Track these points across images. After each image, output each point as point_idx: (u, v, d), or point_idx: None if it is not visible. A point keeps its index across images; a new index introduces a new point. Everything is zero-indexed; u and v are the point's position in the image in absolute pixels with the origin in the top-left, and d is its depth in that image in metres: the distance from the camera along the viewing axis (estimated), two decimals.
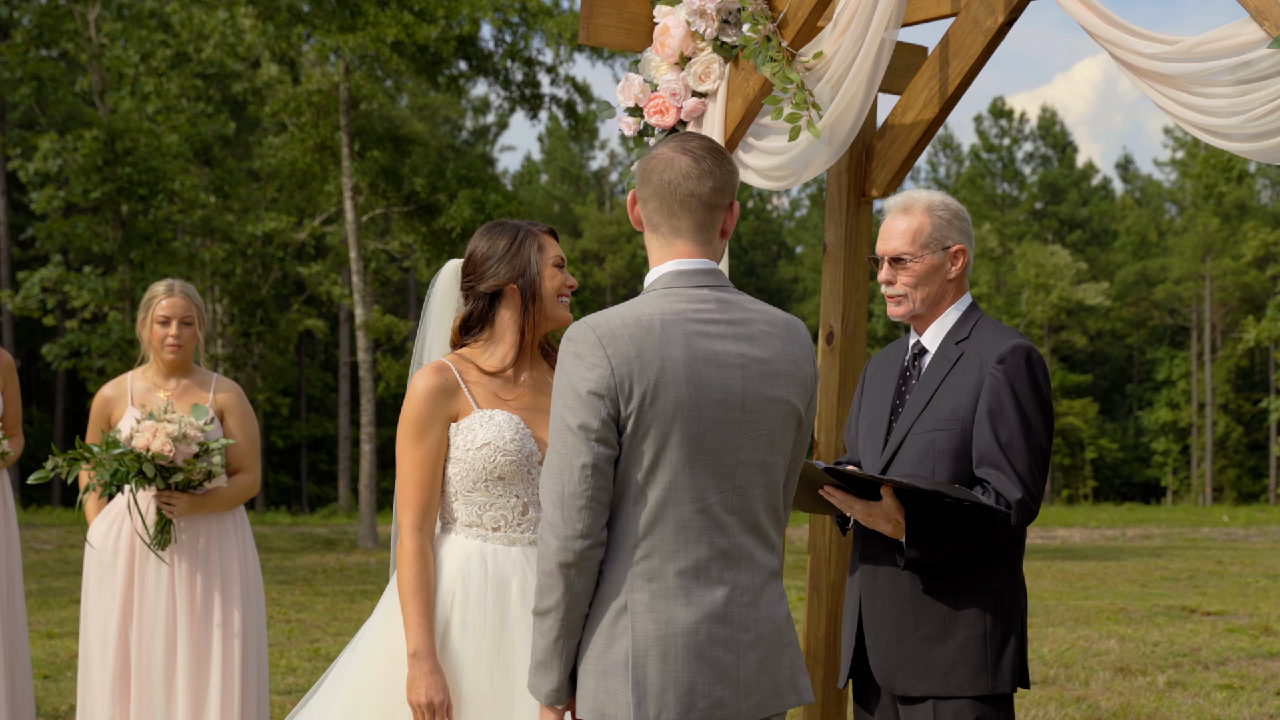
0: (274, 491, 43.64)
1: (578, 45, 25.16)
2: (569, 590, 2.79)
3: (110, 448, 4.99)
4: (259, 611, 5.32)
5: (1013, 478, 3.47)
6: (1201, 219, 49.43)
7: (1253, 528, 31.27)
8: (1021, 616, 3.61)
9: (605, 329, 2.79)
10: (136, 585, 5.16)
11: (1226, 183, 41.29)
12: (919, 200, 3.73)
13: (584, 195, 59.23)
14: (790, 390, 2.90)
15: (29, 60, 24.52)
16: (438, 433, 3.46)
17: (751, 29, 4.38)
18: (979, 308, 3.74)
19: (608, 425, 2.76)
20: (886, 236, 3.75)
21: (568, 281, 3.54)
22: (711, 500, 2.82)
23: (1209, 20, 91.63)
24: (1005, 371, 3.52)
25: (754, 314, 2.91)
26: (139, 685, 5.12)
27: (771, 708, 2.89)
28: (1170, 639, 11.06)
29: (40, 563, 17.54)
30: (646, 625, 2.78)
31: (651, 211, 2.93)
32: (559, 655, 2.84)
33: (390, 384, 26.14)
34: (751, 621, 2.85)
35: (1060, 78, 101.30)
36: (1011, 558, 3.59)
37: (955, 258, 3.68)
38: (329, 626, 11.82)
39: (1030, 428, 3.49)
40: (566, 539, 2.76)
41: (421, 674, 3.33)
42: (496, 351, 3.55)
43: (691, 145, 2.93)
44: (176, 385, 5.34)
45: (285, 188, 30.02)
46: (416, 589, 3.39)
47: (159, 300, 5.30)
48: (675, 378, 2.78)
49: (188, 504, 5.11)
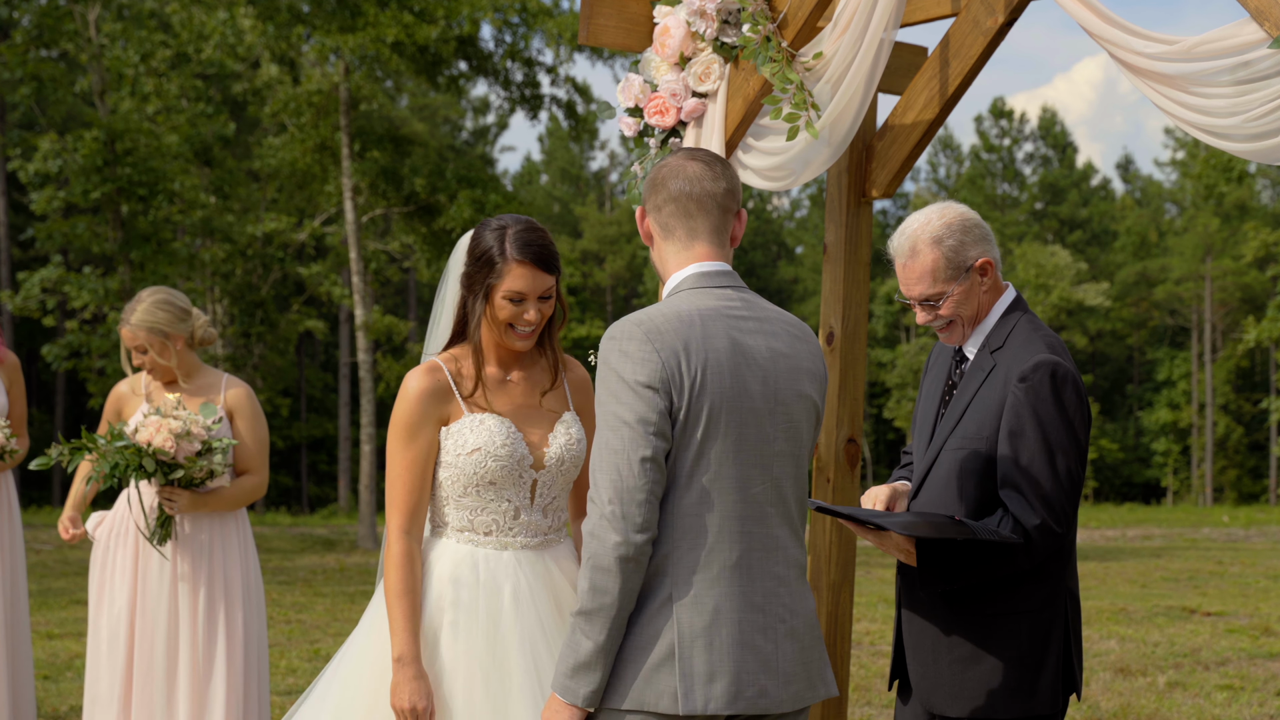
0: (274, 492, 43.62)
1: (578, 45, 25.15)
2: (626, 585, 2.79)
3: (115, 439, 5.00)
4: (260, 613, 5.32)
5: (1032, 501, 3.34)
6: (1202, 219, 49.42)
7: (1253, 528, 31.27)
8: (1065, 633, 3.48)
9: (650, 324, 2.84)
10: (139, 585, 5.17)
11: (1227, 183, 41.27)
12: (922, 236, 3.53)
13: (584, 195, 59.22)
14: (811, 386, 2.97)
15: (29, 60, 24.51)
16: (429, 435, 3.42)
17: (751, 29, 4.38)
18: (1022, 302, 3.59)
19: (664, 418, 2.80)
20: (907, 283, 3.56)
21: (525, 315, 3.41)
22: (755, 490, 2.87)
23: (1209, 20, 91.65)
24: (1026, 391, 3.37)
25: (773, 313, 2.99)
26: (140, 686, 5.13)
27: (806, 698, 2.94)
28: (1170, 639, 11.06)
29: (41, 563, 17.53)
30: (691, 616, 2.81)
31: (667, 216, 2.98)
32: (606, 655, 2.82)
33: (390, 384, 26.15)
34: (788, 613, 2.91)
35: (1060, 78, 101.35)
36: (1053, 574, 3.46)
37: (982, 271, 3.53)
38: (329, 627, 11.82)
39: (1052, 450, 3.35)
40: (627, 533, 2.77)
41: (405, 679, 3.30)
42: (469, 361, 3.49)
43: (698, 153, 3.03)
44: (189, 385, 5.33)
45: (285, 188, 30.01)
46: (402, 593, 3.35)
47: (123, 326, 5.26)
48: (719, 369, 2.83)
49: (189, 501, 5.11)
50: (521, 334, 3.45)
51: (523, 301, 3.41)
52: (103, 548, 5.28)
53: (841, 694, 4.78)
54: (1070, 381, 3.39)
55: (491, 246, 3.41)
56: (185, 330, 5.27)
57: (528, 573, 3.42)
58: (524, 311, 3.42)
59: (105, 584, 5.24)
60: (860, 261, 4.77)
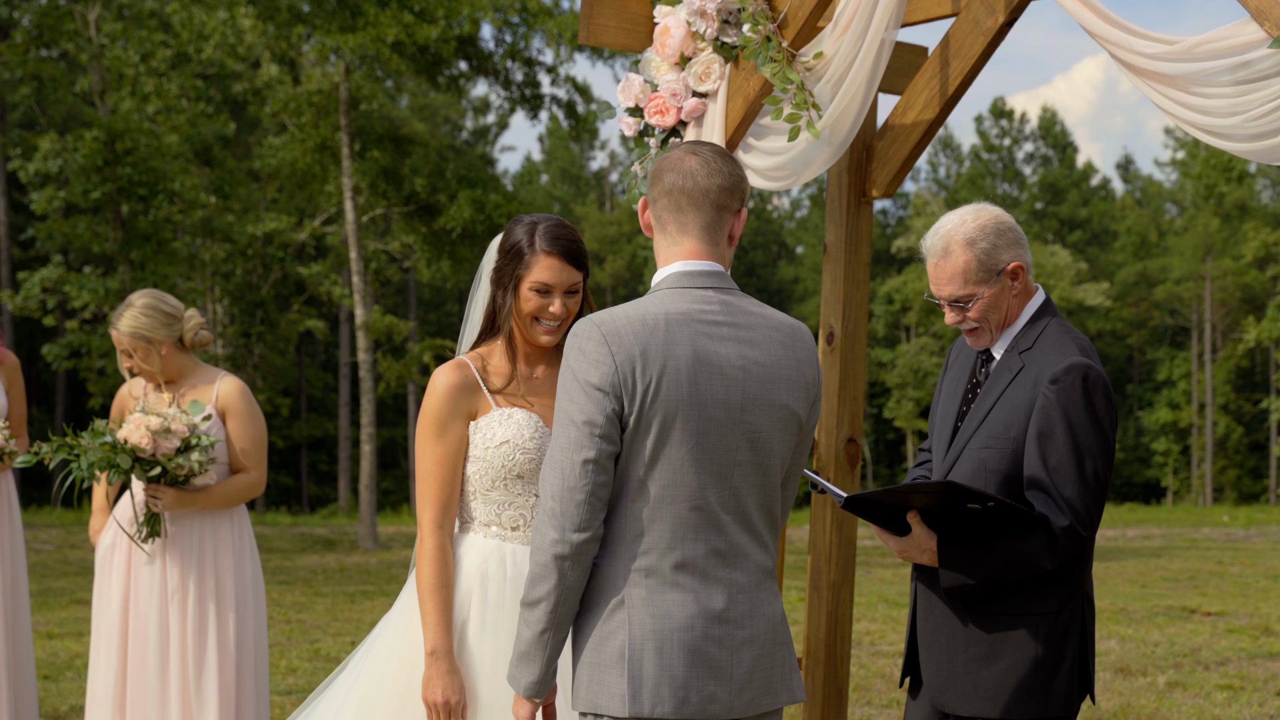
0: (274, 492, 43.61)
1: (578, 45, 25.15)
2: (561, 582, 2.81)
3: (96, 437, 5.01)
4: (259, 613, 5.30)
5: (1059, 504, 3.34)
6: (1202, 219, 49.40)
7: (1253, 528, 31.27)
8: (1081, 635, 3.49)
9: (610, 326, 2.82)
10: (132, 585, 5.18)
11: (1227, 183, 41.23)
12: (955, 237, 3.52)
13: (584, 195, 59.22)
14: (791, 395, 2.93)
15: (29, 60, 24.51)
16: (458, 429, 3.45)
17: (752, 29, 4.38)
18: (1051, 306, 3.58)
19: (611, 421, 2.79)
20: (937, 282, 3.55)
21: (550, 308, 3.47)
22: (710, 499, 2.85)
23: (1210, 20, 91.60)
24: (1058, 393, 3.36)
25: (757, 318, 2.94)
26: (134, 686, 5.13)
27: (764, 705, 2.92)
28: (1170, 639, 11.06)
29: (41, 563, 17.53)
30: (643, 620, 2.82)
31: (661, 210, 2.96)
32: (543, 648, 2.86)
33: (390, 384, 26.12)
34: (747, 619, 2.89)
35: (1060, 78, 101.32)
36: (1072, 577, 3.46)
37: (1014, 275, 3.51)
38: (329, 627, 11.82)
39: (1081, 453, 3.34)
40: (564, 531, 2.79)
41: (438, 673, 3.33)
42: (496, 358, 3.55)
43: (701, 148, 2.99)
44: (183, 383, 5.34)
45: (285, 188, 30.01)
46: (436, 587, 3.38)
47: (110, 329, 5.29)
48: (678, 376, 2.81)
49: (174, 498, 5.10)
50: (547, 328, 3.49)
51: (549, 294, 3.46)
52: (105, 548, 5.29)
53: (842, 694, 4.78)
54: (1101, 386, 3.39)
55: (521, 239, 3.47)
56: (173, 335, 5.25)
57: None
58: (550, 304, 3.46)
59: (103, 584, 5.25)
60: (860, 261, 4.77)
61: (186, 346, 5.31)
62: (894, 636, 11.15)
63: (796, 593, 13.33)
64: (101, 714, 5.19)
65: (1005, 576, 3.38)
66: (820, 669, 4.71)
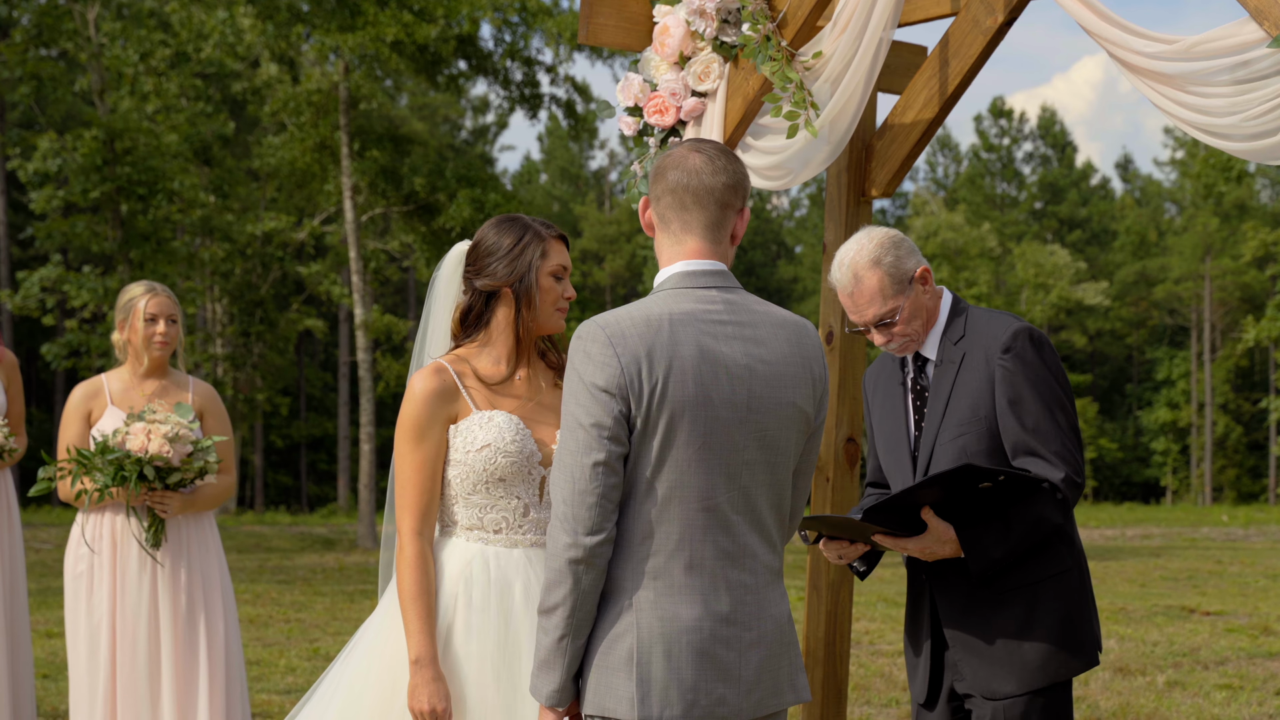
0: (274, 491, 43.65)
1: (577, 45, 25.15)
2: (577, 586, 2.79)
3: (104, 453, 4.98)
4: (233, 610, 5.36)
5: (1051, 459, 3.50)
6: (1201, 219, 49.42)
7: (1252, 528, 31.28)
8: (1089, 586, 3.67)
9: (615, 328, 2.80)
10: (119, 587, 5.16)
11: (1226, 183, 41.30)
12: (860, 262, 3.65)
13: (584, 195, 59.22)
14: (798, 393, 2.91)
15: (29, 60, 24.52)
16: (437, 435, 3.41)
17: (751, 28, 4.38)
18: (961, 300, 3.75)
19: (620, 423, 2.77)
20: (858, 309, 3.67)
21: (566, 293, 3.49)
22: (719, 499, 2.83)
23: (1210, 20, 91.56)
24: (1014, 359, 3.54)
25: (762, 316, 2.92)
26: (125, 687, 5.12)
27: (771, 706, 2.90)
28: (1170, 639, 11.06)
29: (40, 562, 17.53)
30: (651, 622, 2.80)
31: (664, 208, 2.94)
32: (563, 654, 2.83)
33: (390, 384, 26.14)
34: (754, 620, 2.87)
35: (1059, 78, 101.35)
36: (1069, 534, 3.63)
37: (923, 280, 3.67)
38: (328, 626, 11.82)
39: (1053, 407, 3.52)
40: (577, 535, 2.77)
41: (423, 681, 3.30)
42: (491, 355, 3.52)
43: (705, 145, 2.96)
44: (155, 385, 5.34)
45: (285, 187, 30.02)
46: (417, 595, 3.35)
47: (142, 299, 5.32)
48: (683, 376, 2.79)
49: (180, 503, 5.13)
50: (563, 310, 3.52)
51: (563, 279, 3.50)
52: (79, 553, 5.23)
53: (841, 693, 4.78)
54: (1045, 341, 3.61)
55: (526, 230, 3.48)
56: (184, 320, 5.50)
57: (538, 570, 3.41)
58: (565, 289, 3.49)
59: (85, 588, 5.20)
60: None
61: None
62: (893, 636, 11.15)
63: (796, 592, 13.33)
64: (87, 716, 5.16)
65: (1027, 542, 3.51)
66: (820, 668, 4.71)
